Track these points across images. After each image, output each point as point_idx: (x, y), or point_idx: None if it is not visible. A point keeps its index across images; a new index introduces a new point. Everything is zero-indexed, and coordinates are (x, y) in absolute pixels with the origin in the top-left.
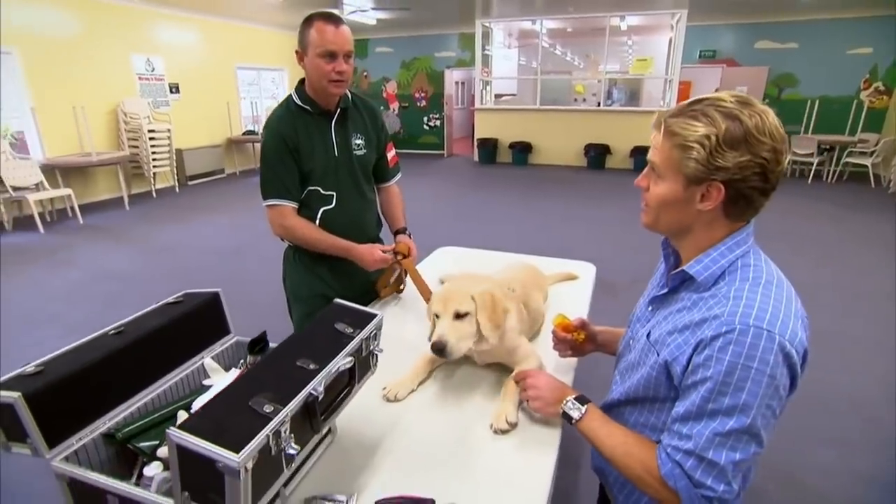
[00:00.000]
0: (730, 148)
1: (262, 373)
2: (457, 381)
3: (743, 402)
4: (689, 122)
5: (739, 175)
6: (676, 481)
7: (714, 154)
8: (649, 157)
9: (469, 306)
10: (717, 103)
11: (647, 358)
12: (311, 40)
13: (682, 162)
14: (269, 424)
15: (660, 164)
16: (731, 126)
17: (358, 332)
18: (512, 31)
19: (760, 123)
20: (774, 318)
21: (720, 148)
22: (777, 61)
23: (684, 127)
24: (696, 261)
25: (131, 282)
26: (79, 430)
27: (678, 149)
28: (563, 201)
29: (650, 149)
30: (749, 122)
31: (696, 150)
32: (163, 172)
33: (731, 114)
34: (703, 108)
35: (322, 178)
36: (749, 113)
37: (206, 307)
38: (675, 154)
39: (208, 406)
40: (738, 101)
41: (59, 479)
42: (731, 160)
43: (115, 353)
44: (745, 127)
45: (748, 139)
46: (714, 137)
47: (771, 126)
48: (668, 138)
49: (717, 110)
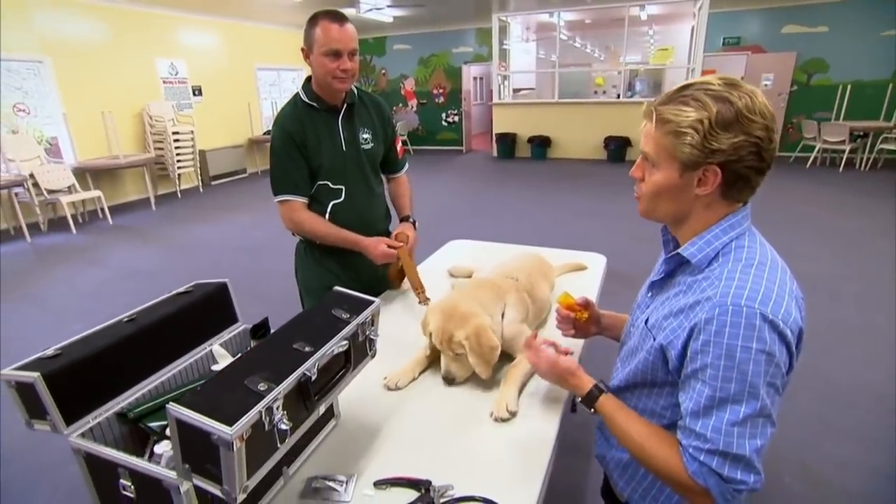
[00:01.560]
0: (723, 130)
1: (258, 354)
2: None
3: (749, 385)
4: (680, 108)
5: (735, 156)
6: (706, 479)
7: (708, 137)
8: (641, 147)
9: (461, 348)
10: (706, 87)
11: (644, 343)
12: (316, 38)
13: (676, 148)
14: (262, 401)
15: (653, 152)
16: (723, 108)
17: (354, 318)
18: (530, 25)
19: (750, 103)
20: (766, 297)
21: (713, 130)
22: (806, 46)
23: (676, 113)
24: (691, 243)
25: (157, 279)
26: (94, 409)
27: (671, 135)
28: (581, 195)
29: (642, 139)
30: (739, 103)
31: (689, 134)
32: (187, 173)
33: (720, 96)
34: (692, 93)
35: (331, 172)
36: (738, 94)
37: (214, 296)
38: (668, 141)
39: (207, 384)
40: (726, 84)
41: (76, 454)
42: (725, 142)
43: (128, 338)
44: (735, 108)
45: (740, 119)
46: (707, 121)
47: (761, 105)
48: (661, 126)
49: (706, 94)
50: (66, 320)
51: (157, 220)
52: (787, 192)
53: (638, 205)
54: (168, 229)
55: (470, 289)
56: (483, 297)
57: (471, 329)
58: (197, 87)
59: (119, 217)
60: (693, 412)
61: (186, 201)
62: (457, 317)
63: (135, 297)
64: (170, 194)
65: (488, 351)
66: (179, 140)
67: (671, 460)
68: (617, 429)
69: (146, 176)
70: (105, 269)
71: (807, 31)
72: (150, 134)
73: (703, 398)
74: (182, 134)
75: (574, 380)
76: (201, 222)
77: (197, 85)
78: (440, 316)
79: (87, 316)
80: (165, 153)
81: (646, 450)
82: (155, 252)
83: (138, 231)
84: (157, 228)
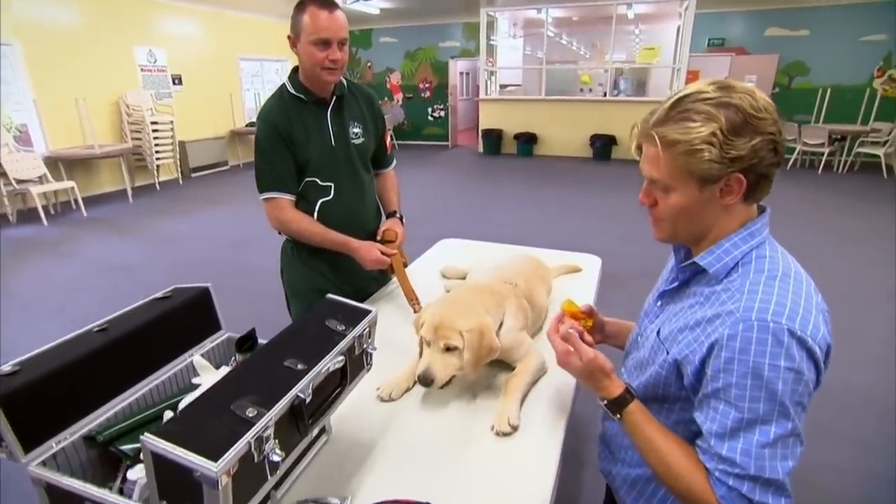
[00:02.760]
0: (737, 136)
1: (246, 374)
2: (454, 379)
3: (779, 404)
4: (685, 125)
5: (756, 158)
6: None
7: (725, 147)
8: (645, 173)
9: (458, 342)
10: (702, 97)
11: (656, 356)
12: (303, 26)
13: (692, 166)
14: (251, 430)
15: (665, 176)
16: (730, 114)
17: (350, 330)
18: (517, 21)
19: (753, 101)
20: (794, 312)
21: (728, 139)
22: (788, 49)
23: (683, 132)
24: (708, 252)
25: (134, 274)
26: (58, 433)
27: (685, 155)
28: (568, 192)
29: (643, 163)
30: (744, 104)
31: (706, 150)
32: (166, 165)
33: (721, 102)
34: (690, 106)
35: (319, 168)
36: (738, 96)
37: (195, 302)
38: (681, 161)
39: (188, 410)
40: (719, 88)
41: (36, 484)
42: (744, 147)
43: (98, 351)
44: (742, 110)
45: (750, 121)
46: (719, 132)
47: (762, 101)
48: (669, 148)
49: (706, 104)
50: (38, 317)
51: (134, 212)
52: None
53: (654, 231)
54: (146, 222)
55: (470, 292)
56: (485, 303)
57: (475, 323)
58: (177, 77)
59: (94, 209)
60: (718, 434)
61: (165, 193)
62: (462, 309)
63: (110, 293)
64: (148, 186)
65: (486, 351)
66: (158, 130)
67: (698, 483)
68: (641, 440)
69: (123, 167)
70: (79, 263)
71: (789, 34)
72: (128, 123)
73: (728, 419)
74: (161, 124)
75: (607, 380)
76: (181, 215)
77: (177, 74)
78: (444, 305)
79: (61, 313)
80: (143, 143)
81: (672, 468)
82: (132, 246)
83: (114, 224)
84: (135, 221)
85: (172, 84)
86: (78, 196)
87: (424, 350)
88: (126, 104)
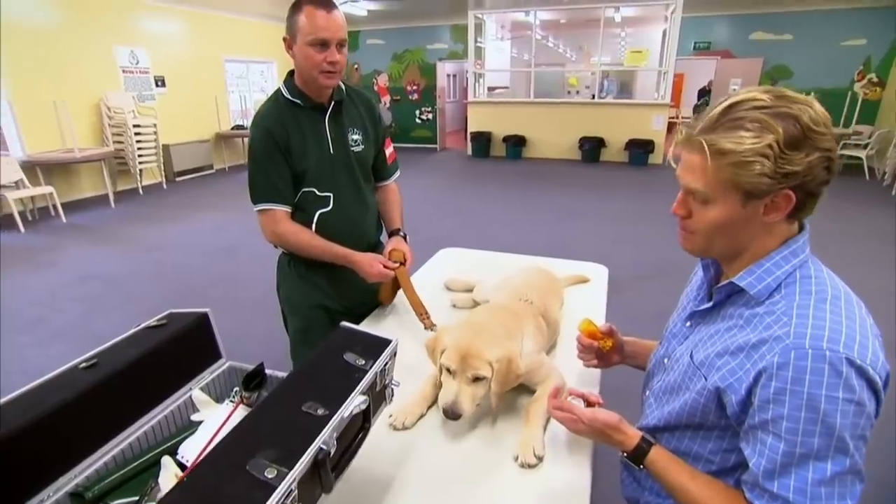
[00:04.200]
0: (794, 150)
1: (260, 423)
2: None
3: (837, 439)
4: (736, 133)
5: (810, 175)
6: None
7: (780, 162)
8: (684, 183)
9: (487, 372)
10: (757, 104)
11: (691, 382)
12: (300, 27)
13: (740, 178)
14: (273, 498)
15: (708, 187)
16: (788, 126)
17: (371, 364)
18: (505, 23)
19: (814, 114)
20: (850, 339)
21: (784, 153)
22: (772, 53)
23: (737, 142)
24: (748, 272)
25: (117, 283)
26: (40, 491)
27: (733, 167)
28: (558, 195)
29: (682, 171)
30: (804, 117)
31: (758, 162)
32: (149, 169)
33: (779, 112)
34: (744, 113)
35: (317, 178)
36: (798, 107)
37: (192, 330)
38: (728, 173)
39: (196, 473)
40: (776, 97)
41: None
42: (800, 163)
43: (86, 392)
44: (802, 123)
45: (808, 135)
46: (776, 144)
47: (822, 114)
48: (717, 158)
49: (762, 113)
50: (11, 332)
51: (116, 218)
52: None
53: (682, 241)
54: (129, 229)
55: (492, 315)
56: (507, 326)
57: (504, 351)
58: (160, 78)
59: (74, 215)
60: (767, 470)
61: (149, 198)
62: (487, 335)
63: (92, 304)
64: (131, 191)
65: (513, 379)
66: (141, 133)
67: None
68: (669, 486)
69: (104, 171)
70: (58, 272)
71: (773, 38)
72: (109, 126)
73: (778, 454)
74: (144, 127)
75: (619, 435)
76: (166, 221)
77: (160, 75)
78: (467, 331)
79: (38, 326)
80: (125, 147)
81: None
82: (115, 254)
83: (96, 231)
84: (117, 228)
85: (155, 86)
86: (57, 202)
87: (447, 380)
88: (107, 106)
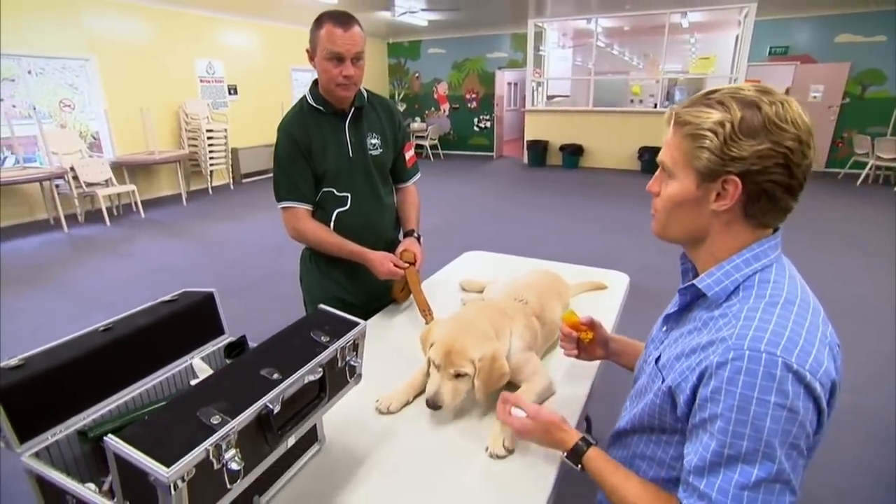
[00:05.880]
0: (746, 136)
1: (220, 380)
2: None
3: (765, 444)
4: (703, 109)
5: (758, 166)
6: None
7: (728, 142)
8: (659, 157)
9: (469, 369)
10: (736, 92)
11: (652, 383)
12: (319, 41)
13: (693, 154)
14: (211, 438)
15: (670, 160)
16: (749, 114)
17: (333, 342)
18: (566, 31)
19: (781, 111)
20: (791, 343)
21: (735, 135)
22: (861, 56)
23: (696, 115)
24: (708, 274)
25: (181, 274)
26: (53, 426)
27: (689, 139)
28: (610, 206)
29: (661, 149)
30: (769, 110)
31: (708, 138)
32: (219, 170)
33: (748, 101)
34: (719, 96)
35: (336, 179)
36: (769, 100)
37: (199, 307)
38: (685, 145)
39: (157, 413)
40: (759, 90)
41: (28, 474)
42: (747, 149)
43: (100, 349)
44: (764, 114)
45: (767, 126)
46: (729, 124)
47: (794, 114)
48: (679, 129)
49: (733, 98)
50: (89, 311)
51: (187, 215)
52: (838, 211)
53: (652, 224)
54: (197, 225)
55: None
56: (495, 324)
57: (488, 350)
58: (233, 87)
59: (151, 211)
60: (698, 467)
61: (217, 198)
62: (473, 333)
63: (159, 292)
64: (202, 190)
65: (497, 378)
66: (213, 138)
67: None
68: (607, 487)
69: (179, 172)
70: (134, 261)
71: (863, 40)
72: (185, 131)
73: (709, 452)
74: (216, 132)
75: (560, 433)
76: (230, 220)
77: (233, 84)
78: (454, 327)
79: (111, 307)
80: (199, 150)
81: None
82: (183, 247)
83: (168, 226)
84: (187, 224)
85: (228, 94)
86: (138, 199)
87: (433, 373)
88: (185, 113)
